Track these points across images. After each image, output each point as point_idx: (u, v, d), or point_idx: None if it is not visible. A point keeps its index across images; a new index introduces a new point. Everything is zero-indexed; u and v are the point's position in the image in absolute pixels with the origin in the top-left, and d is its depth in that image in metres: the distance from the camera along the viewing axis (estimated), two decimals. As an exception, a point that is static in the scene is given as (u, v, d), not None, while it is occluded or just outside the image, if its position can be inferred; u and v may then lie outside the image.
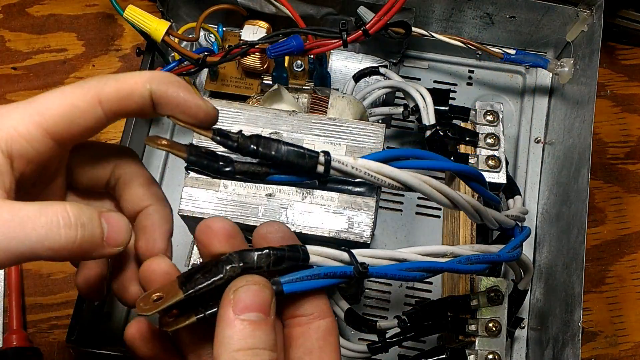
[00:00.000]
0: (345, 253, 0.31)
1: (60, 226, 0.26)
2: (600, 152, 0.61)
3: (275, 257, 0.28)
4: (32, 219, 0.26)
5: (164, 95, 0.28)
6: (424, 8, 0.57)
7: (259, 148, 0.28)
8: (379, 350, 0.46)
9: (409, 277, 0.33)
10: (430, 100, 0.51)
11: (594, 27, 0.54)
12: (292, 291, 0.29)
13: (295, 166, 0.29)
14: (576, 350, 0.45)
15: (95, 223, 0.28)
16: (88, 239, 0.28)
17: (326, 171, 0.29)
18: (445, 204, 0.33)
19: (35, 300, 0.56)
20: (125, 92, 0.28)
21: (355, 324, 0.46)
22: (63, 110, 0.28)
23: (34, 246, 0.26)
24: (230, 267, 0.27)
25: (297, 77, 0.57)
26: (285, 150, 0.28)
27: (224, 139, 0.28)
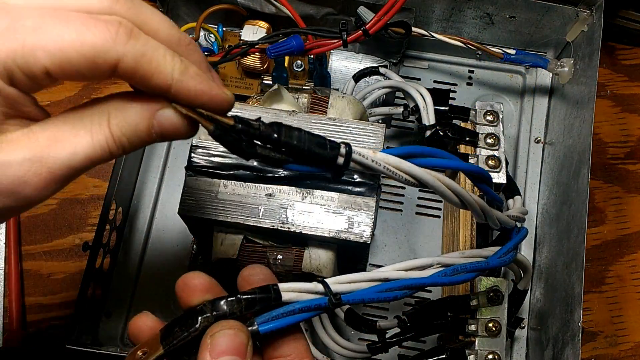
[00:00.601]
0: (320, 284, 0.31)
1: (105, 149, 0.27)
2: (600, 152, 0.61)
3: (246, 301, 0.29)
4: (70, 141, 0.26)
5: (184, 97, 0.27)
6: (424, 8, 0.57)
7: (281, 137, 0.28)
8: (379, 350, 0.46)
9: (389, 297, 0.33)
10: (430, 100, 0.51)
11: (594, 27, 0.54)
12: (268, 330, 0.29)
13: (316, 156, 0.28)
14: (576, 350, 0.45)
15: (142, 136, 0.27)
16: (139, 146, 0.28)
17: (346, 163, 0.29)
18: (455, 202, 0.33)
19: (35, 300, 0.56)
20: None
21: (355, 324, 0.46)
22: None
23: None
24: (204, 317, 0.29)
25: (297, 77, 0.57)
26: (307, 139, 0.28)
27: (245, 126, 0.28)
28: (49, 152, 0.26)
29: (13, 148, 0.25)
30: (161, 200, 0.58)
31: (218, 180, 0.45)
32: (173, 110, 0.27)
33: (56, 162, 0.26)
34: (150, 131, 0.27)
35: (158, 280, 0.56)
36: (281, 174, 0.45)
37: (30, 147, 0.25)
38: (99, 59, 0.25)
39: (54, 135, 0.26)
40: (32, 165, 0.25)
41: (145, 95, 0.27)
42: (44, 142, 0.26)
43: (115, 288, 0.55)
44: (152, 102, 0.27)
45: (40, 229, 0.58)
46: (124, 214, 0.56)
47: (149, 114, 0.27)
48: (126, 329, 0.54)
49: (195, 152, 0.46)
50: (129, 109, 0.27)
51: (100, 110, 0.27)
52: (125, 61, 0.25)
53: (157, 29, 0.27)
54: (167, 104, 0.27)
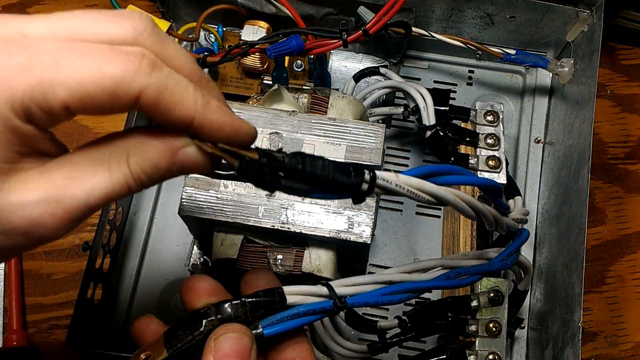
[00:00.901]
0: (324, 287, 0.31)
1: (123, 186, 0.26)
2: (600, 152, 0.61)
3: (251, 305, 0.29)
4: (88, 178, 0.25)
5: (207, 130, 0.27)
6: (424, 8, 0.57)
7: (306, 167, 0.27)
8: (379, 351, 0.46)
9: (393, 300, 0.33)
10: (431, 101, 0.51)
11: (594, 27, 0.54)
12: (272, 333, 0.29)
13: (340, 184, 0.28)
14: (576, 350, 0.45)
15: (162, 173, 0.27)
16: (158, 181, 0.27)
17: (370, 189, 0.28)
18: (471, 216, 0.33)
19: (35, 300, 0.56)
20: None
21: (355, 324, 0.46)
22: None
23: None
24: (208, 320, 0.29)
25: (297, 77, 0.57)
26: (331, 168, 0.28)
27: (269, 159, 0.27)
28: (66, 192, 0.25)
29: (28, 189, 0.25)
30: (161, 200, 0.58)
31: (218, 180, 0.45)
32: (195, 148, 0.26)
33: (73, 202, 0.25)
34: (172, 168, 0.27)
35: (158, 280, 0.56)
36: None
37: (46, 187, 0.25)
38: (120, 91, 0.24)
39: (71, 174, 0.25)
40: (49, 207, 0.25)
41: (166, 131, 0.26)
42: (60, 182, 0.25)
43: (115, 288, 0.55)
44: (174, 139, 0.26)
45: (40, 229, 0.58)
46: (124, 214, 0.56)
47: (170, 153, 0.26)
48: (126, 329, 0.54)
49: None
50: (150, 147, 0.26)
51: (119, 147, 0.26)
52: (147, 93, 0.24)
53: (181, 65, 0.27)
54: (189, 141, 0.26)
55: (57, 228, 0.25)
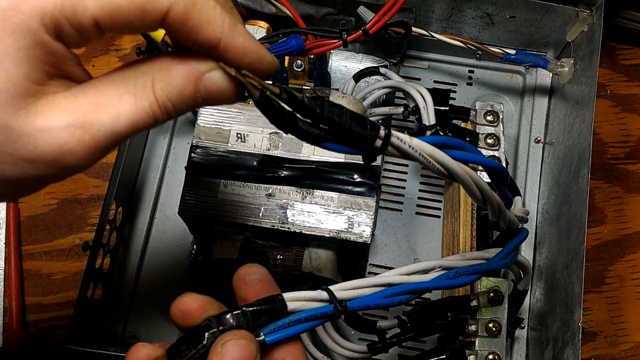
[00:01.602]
0: (324, 292, 0.31)
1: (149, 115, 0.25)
2: (600, 152, 0.61)
3: (252, 314, 0.29)
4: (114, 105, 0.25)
5: (232, 55, 0.26)
6: (424, 8, 0.57)
7: (324, 112, 0.27)
8: (379, 350, 0.46)
9: (394, 303, 0.33)
10: (431, 100, 0.51)
11: (594, 27, 0.54)
12: (274, 340, 0.29)
13: (355, 135, 0.27)
14: (576, 350, 0.45)
15: (187, 100, 0.26)
16: (184, 110, 0.26)
17: (383, 146, 0.28)
18: (477, 197, 0.33)
19: (35, 300, 0.56)
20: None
21: (355, 324, 0.46)
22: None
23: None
24: (210, 333, 0.28)
25: (297, 77, 0.57)
26: (348, 117, 0.27)
27: (290, 97, 0.27)
28: (92, 117, 0.24)
29: (55, 113, 0.24)
30: (161, 200, 0.58)
31: (218, 180, 0.45)
32: (221, 73, 0.26)
33: (100, 129, 0.24)
34: (196, 95, 0.26)
35: (158, 280, 0.56)
36: (281, 174, 0.45)
37: (73, 112, 0.24)
38: (149, 6, 0.23)
39: (97, 100, 0.25)
40: (75, 132, 0.24)
41: (191, 56, 0.26)
42: (86, 107, 0.24)
43: (115, 288, 0.55)
44: (199, 64, 0.26)
45: (40, 229, 0.58)
46: (124, 214, 0.56)
47: (195, 78, 0.26)
48: (126, 329, 0.54)
49: (195, 152, 0.46)
50: (174, 72, 0.26)
51: (144, 73, 0.25)
52: (176, 9, 0.24)
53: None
54: (214, 65, 0.26)
55: (84, 156, 0.24)
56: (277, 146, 0.46)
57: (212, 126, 0.46)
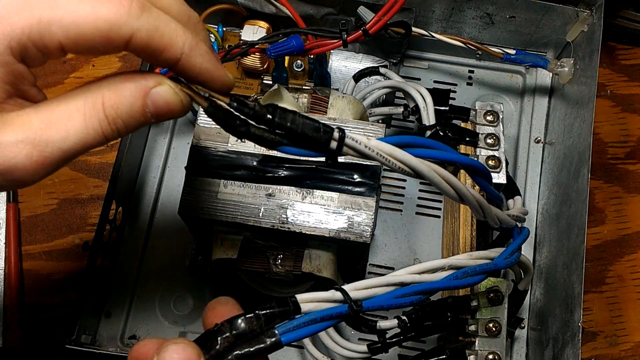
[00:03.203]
0: (338, 292, 0.31)
1: (97, 131, 0.26)
2: (600, 152, 0.61)
3: (265, 317, 0.29)
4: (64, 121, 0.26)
5: (188, 72, 0.27)
6: (424, 8, 0.57)
7: (275, 118, 0.28)
8: (379, 351, 0.46)
9: (406, 303, 0.33)
10: (430, 101, 0.51)
11: (594, 27, 0.54)
12: (290, 340, 0.29)
13: (309, 139, 0.28)
14: (576, 350, 0.45)
15: (137, 116, 0.27)
16: (134, 127, 0.27)
17: (339, 148, 0.29)
18: (452, 195, 0.33)
19: (35, 300, 0.56)
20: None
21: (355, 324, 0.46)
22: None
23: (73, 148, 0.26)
24: (223, 337, 0.28)
25: (297, 77, 0.57)
26: (301, 122, 0.28)
27: (240, 105, 0.28)
28: (42, 135, 0.25)
29: (6, 129, 0.25)
30: (161, 200, 0.58)
31: (218, 180, 0.45)
32: (167, 87, 0.27)
33: (48, 146, 0.25)
34: (145, 110, 0.27)
35: (158, 280, 0.56)
36: (281, 174, 0.45)
37: (24, 130, 0.25)
38: (112, 33, 0.25)
39: (48, 118, 0.26)
40: (25, 148, 0.25)
41: (139, 74, 0.27)
42: (37, 125, 0.25)
43: (115, 288, 0.55)
44: (146, 80, 0.27)
45: (40, 229, 0.58)
46: (124, 214, 0.56)
47: (143, 93, 0.27)
48: (126, 329, 0.54)
49: (195, 152, 0.46)
50: (123, 89, 0.27)
51: (93, 92, 0.26)
52: (138, 35, 0.25)
53: (170, 5, 0.27)
54: (160, 80, 0.27)
55: (33, 171, 0.26)
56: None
57: (212, 126, 0.46)
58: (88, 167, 0.59)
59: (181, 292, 0.55)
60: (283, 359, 0.54)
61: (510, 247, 0.38)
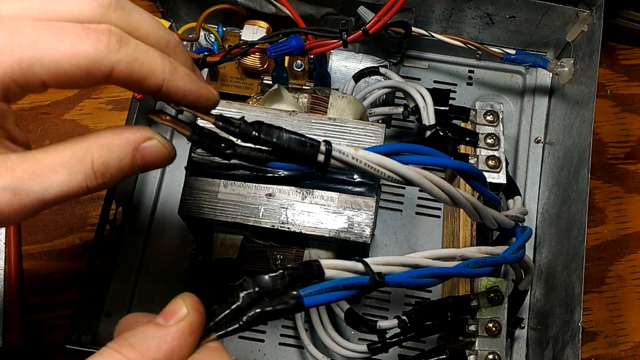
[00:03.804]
0: (360, 263, 0.31)
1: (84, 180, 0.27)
2: (600, 152, 0.61)
3: (290, 277, 0.29)
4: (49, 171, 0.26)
5: (173, 96, 0.28)
6: (424, 8, 0.57)
7: (261, 135, 0.28)
8: (379, 350, 0.46)
9: (421, 284, 0.33)
10: (430, 101, 0.51)
11: (594, 27, 0.54)
12: (312, 304, 0.29)
13: (296, 154, 0.29)
14: (576, 350, 0.45)
15: (125, 170, 0.28)
16: (118, 180, 0.28)
17: (326, 161, 0.29)
18: (445, 200, 0.33)
19: (35, 300, 0.56)
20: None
21: (355, 324, 0.46)
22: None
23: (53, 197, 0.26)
24: (246, 293, 0.28)
25: (297, 77, 0.57)
26: (286, 138, 0.29)
27: (226, 124, 0.29)
28: (23, 184, 0.26)
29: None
30: (161, 200, 0.58)
31: (218, 180, 0.45)
32: (156, 141, 0.28)
33: (29, 195, 0.26)
34: (134, 164, 0.28)
35: (158, 280, 0.56)
36: (281, 174, 0.45)
37: (6, 177, 0.26)
38: (93, 69, 0.25)
39: (31, 169, 0.26)
40: (5, 195, 0.26)
41: (127, 129, 0.28)
42: (20, 174, 0.26)
43: (115, 288, 0.55)
44: (134, 135, 0.28)
45: (40, 229, 0.58)
46: (124, 214, 0.56)
47: (132, 148, 0.28)
48: (126, 329, 0.54)
49: (195, 152, 0.46)
50: (112, 145, 0.27)
51: (82, 147, 0.27)
52: (119, 68, 0.26)
53: (147, 33, 0.28)
54: (149, 135, 0.28)
55: (10, 216, 0.26)
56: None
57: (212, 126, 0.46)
58: (88, 167, 0.59)
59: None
60: (283, 359, 0.54)
61: (515, 244, 0.39)
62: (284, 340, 0.54)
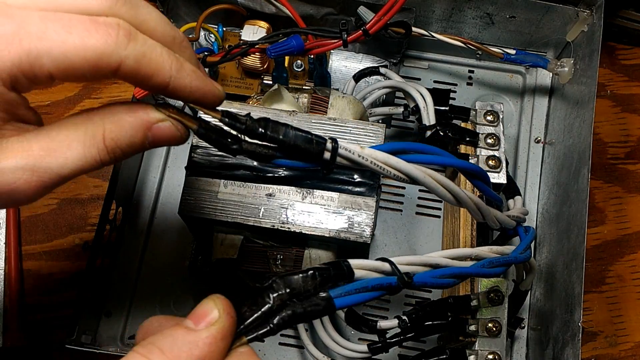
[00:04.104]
0: (387, 263, 0.31)
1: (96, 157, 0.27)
2: (600, 152, 0.61)
3: (321, 277, 0.28)
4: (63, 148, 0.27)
5: (180, 93, 0.28)
6: (424, 8, 0.57)
7: (267, 131, 0.28)
8: (379, 350, 0.46)
9: (443, 284, 0.34)
10: (431, 101, 0.51)
11: (594, 27, 0.54)
12: (343, 305, 0.29)
13: (302, 151, 0.29)
14: (576, 350, 0.45)
15: (135, 146, 0.28)
16: (131, 155, 0.28)
17: (332, 158, 0.29)
18: (449, 199, 0.33)
19: (35, 300, 0.56)
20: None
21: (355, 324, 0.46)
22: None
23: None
24: (277, 295, 0.27)
25: (297, 77, 0.57)
26: (293, 135, 0.28)
27: (232, 120, 0.28)
28: (41, 162, 0.26)
29: (7, 156, 0.26)
30: (161, 200, 0.58)
31: (218, 180, 0.45)
32: (169, 124, 0.28)
33: (47, 172, 0.26)
34: (145, 142, 0.28)
35: (158, 280, 0.56)
36: (281, 174, 0.45)
37: (24, 156, 0.26)
38: (101, 63, 0.25)
39: (47, 146, 0.26)
40: (24, 174, 0.26)
41: (140, 107, 0.28)
42: (37, 152, 0.26)
43: (115, 288, 0.55)
44: (147, 114, 0.28)
45: (40, 229, 0.58)
46: (124, 214, 0.56)
47: (144, 127, 0.28)
48: (126, 329, 0.54)
49: (195, 152, 0.46)
50: (125, 123, 0.27)
51: (95, 123, 0.27)
52: (127, 63, 0.26)
53: (154, 28, 0.28)
54: (162, 116, 0.28)
55: (31, 194, 0.27)
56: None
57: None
58: (88, 167, 0.59)
59: (181, 292, 0.55)
60: (283, 359, 0.54)
61: (522, 243, 0.39)
62: (284, 340, 0.54)
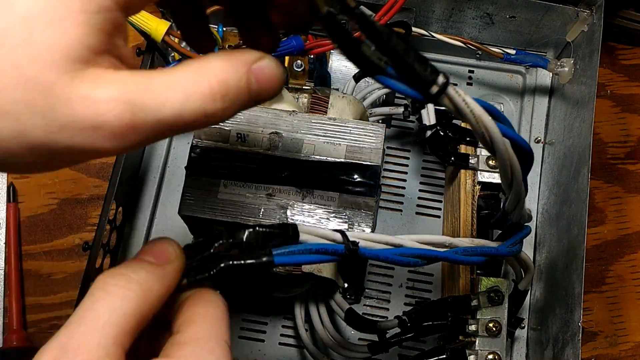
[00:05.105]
0: (338, 233, 0.31)
1: (205, 100, 0.24)
2: (600, 152, 0.61)
3: (264, 234, 0.29)
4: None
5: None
6: (424, 8, 0.57)
7: (391, 42, 0.26)
8: (379, 350, 0.46)
9: (402, 261, 0.33)
10: (431, 100, 0.51)
11: (594, 27, 0.54)
12: (282, 263, 0.29)
13: (415, 74, 0.27)
14: (576, 350, 0.45)
15: (242, 93, 0.26)
16: (235, 107, 0.26)
17: (439, 93, 0.28)
18: (506, 179, 0.33)
19: (35, 300, 0.56)
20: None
21: (355, 324, 0.46)
22: None
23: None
24: (219, 243, 0.29)
25: (297, 77, 0.57)
26: (413, 54, 0.27)
27: (362, 15, 0.26)
28: (137, 97, 0.23)
29: (100, 84, 0.23)
30: (161, 200, 0.58)
31: (218, 180, 0.45)
32: (268, 61, 0.26)
33: (142, 110, 0.23)
34: (250, 88, 0.26)
35: (158, 280, 0.55)
36: (281, 174, 0.45)
37: (119, 88, 0.23)
38: None
39: (145, 83, 0.23)
40: (117, 107, 0.22)
41: (237, 51, 0.26)
42: (134, 87, 0.23)
43: (115, 288, 0.55)
44: (245, 56, 0.26)
45: (40, 229, 0.58)
46: (124, 214, 0.56)
47: (246, 68, 0.26)
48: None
49: (195, 152, 0.46)
50: (227, 65, 0.25)
51: (196, 69, 0.25)
52: None
53: None
54: (261, 55, 0.26)
55: (118, 134, 0.23)
56: (277, 146, 0.46)
57: (212, 126, 0.46)
58: (88, 167, 0.59)
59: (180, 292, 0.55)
60: (283, 359, 0.54)
61: (512, 239, 0.39)
62: (284, 340, 0.54)
